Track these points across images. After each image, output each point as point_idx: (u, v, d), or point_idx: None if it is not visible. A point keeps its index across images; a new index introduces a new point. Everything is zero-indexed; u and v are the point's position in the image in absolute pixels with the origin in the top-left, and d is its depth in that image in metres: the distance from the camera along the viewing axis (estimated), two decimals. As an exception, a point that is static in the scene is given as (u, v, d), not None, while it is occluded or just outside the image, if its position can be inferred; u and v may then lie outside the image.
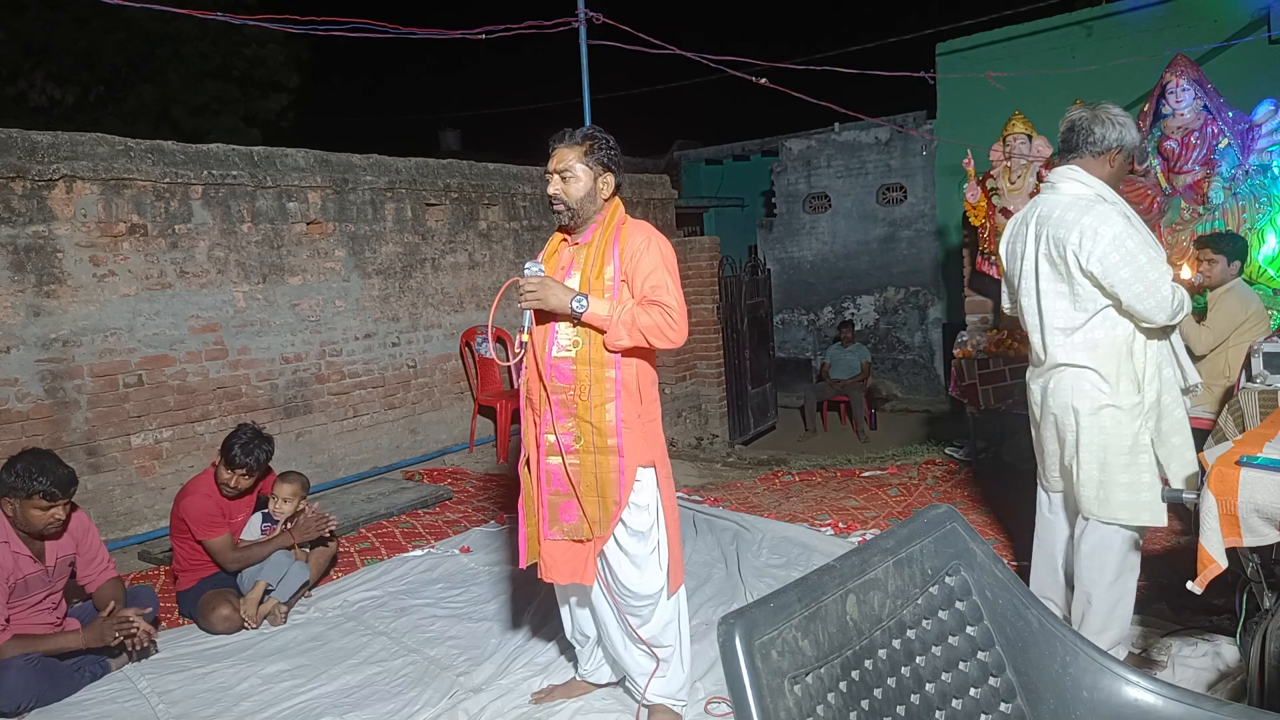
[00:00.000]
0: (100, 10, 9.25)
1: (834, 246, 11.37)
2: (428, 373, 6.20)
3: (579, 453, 2.49)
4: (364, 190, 5.72)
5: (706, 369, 8.10)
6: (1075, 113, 2.72)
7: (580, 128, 2.58)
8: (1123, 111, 2.70)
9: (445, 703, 2.86)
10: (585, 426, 2.47)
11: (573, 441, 2.49)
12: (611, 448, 2.47)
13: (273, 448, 3.76)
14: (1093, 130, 2.64)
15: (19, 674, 2.89)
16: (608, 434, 2.46)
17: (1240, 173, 4.94)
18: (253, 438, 3.65)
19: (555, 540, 2.56)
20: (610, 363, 2.46)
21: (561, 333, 2.50)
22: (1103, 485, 2.61)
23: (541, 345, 2.53)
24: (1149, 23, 8.08)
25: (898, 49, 8.89)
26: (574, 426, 2.49)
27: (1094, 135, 2.64)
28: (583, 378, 2.47)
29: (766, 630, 1.20)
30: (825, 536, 4.27)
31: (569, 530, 2.54)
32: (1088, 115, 2.66)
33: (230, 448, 3.61)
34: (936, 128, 9.74)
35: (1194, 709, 1.41)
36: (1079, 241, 2.52)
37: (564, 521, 2.54)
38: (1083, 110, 2.70)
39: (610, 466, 2.48)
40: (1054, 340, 2.66)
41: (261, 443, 3.67)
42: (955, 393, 5.82)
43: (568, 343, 2.49)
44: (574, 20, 5.68)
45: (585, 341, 2.47)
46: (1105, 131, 2.62)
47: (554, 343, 2.51)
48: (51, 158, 4.21)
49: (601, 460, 2.48)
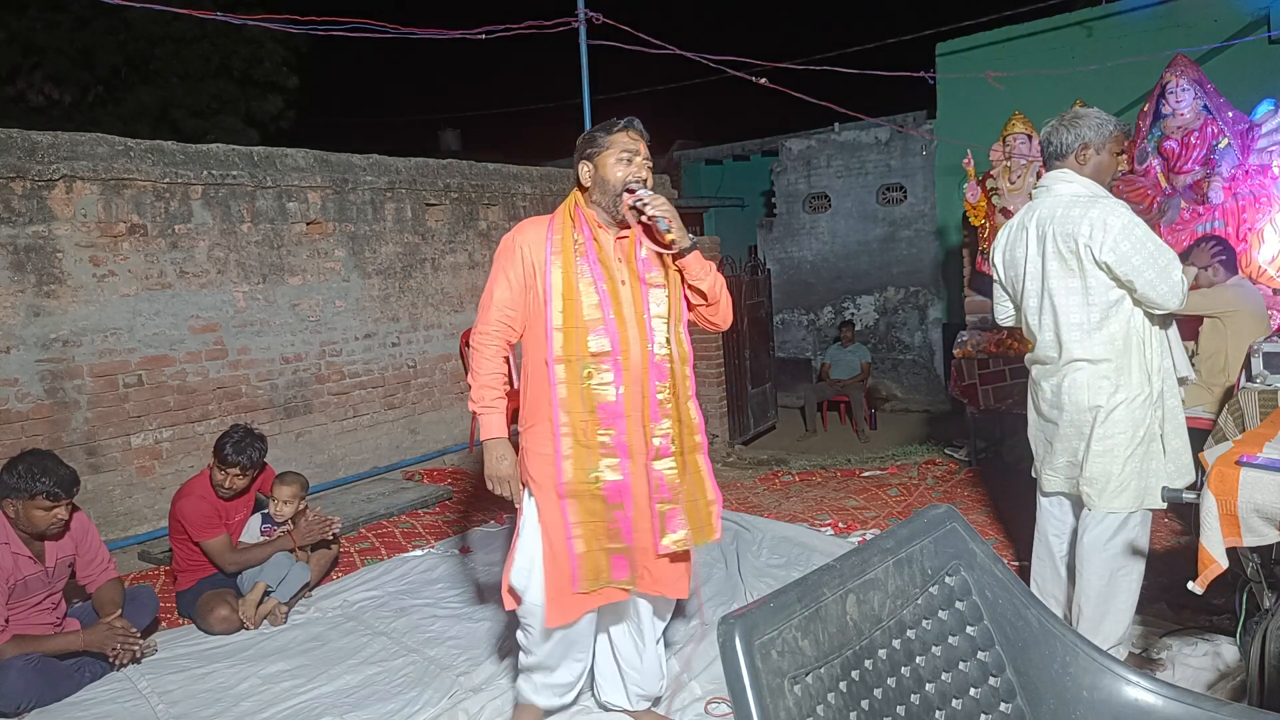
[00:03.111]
0: (100, 10, 9.26)
1: (834, 246, 11.37)
2: (428, 373, 6.20)
3: (675, 455, 2.41)
4: (364, 190, 5.72)
5: (706, 369, 8.09)
6: (1045, 128, 2.82)
7: None
8: (1086, 110, 2.76)
9: (445, 703, 2.86)
10: (678, 427, 2.41)
11: (670, 444, 2.39)
12: (699, 445, 2.45)
13: (266, 445, 3.76)
14: (1050, 140, 2.77)
15: (19, 674, 2.89)
16: (696, 430, 2.44)
17: (1240, 173, 4.93)
18: (244, 436, 3.65)
19: (665, 553, 2.42)
20: (689, 358, 2.44)
21: (658, 331, 2.39)
22: (1113, 477, 2.62)
23: (640, 345, 2.35)
24: (1149, 23, 8.08)
25: (898, 49, 8.88)
26: (670, 428, 2.39)
27: (1054, 143, 2.76)
28: (676, 375, 2.40)
29: (766, 630, 1.20)
30: (825, 536, 4.27)
31: (679, 541, 2.40)
32: (1052, 124, 2.78)
33: (222, 447, 3.61)
34: (936, 128, 9.74)
35: (1194, 709, 1.41)
36: (1089, 233, 2.54)
37: (671, 531, 2.40)
38: (1051, 122, 2.80)
39: (702, 465, 2.46)
40: (1071, 336, 2.66)
41: (254, 441, 3.67)
42: (955, 393, 5.82)
43: (663, 339, 2.39)
44: (574, 20, 5.68)
45: (673, 338, 2.41)
46: (1063, 136, 2.73)
47: (653, 340, 2.38)
48: (51, 158, 4.21)
49: (695, 460, 2.44)
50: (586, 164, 2.41)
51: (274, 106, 12.46)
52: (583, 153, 2.43)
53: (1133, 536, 2.68)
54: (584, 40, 5.74)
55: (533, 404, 2.44)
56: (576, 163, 2.44)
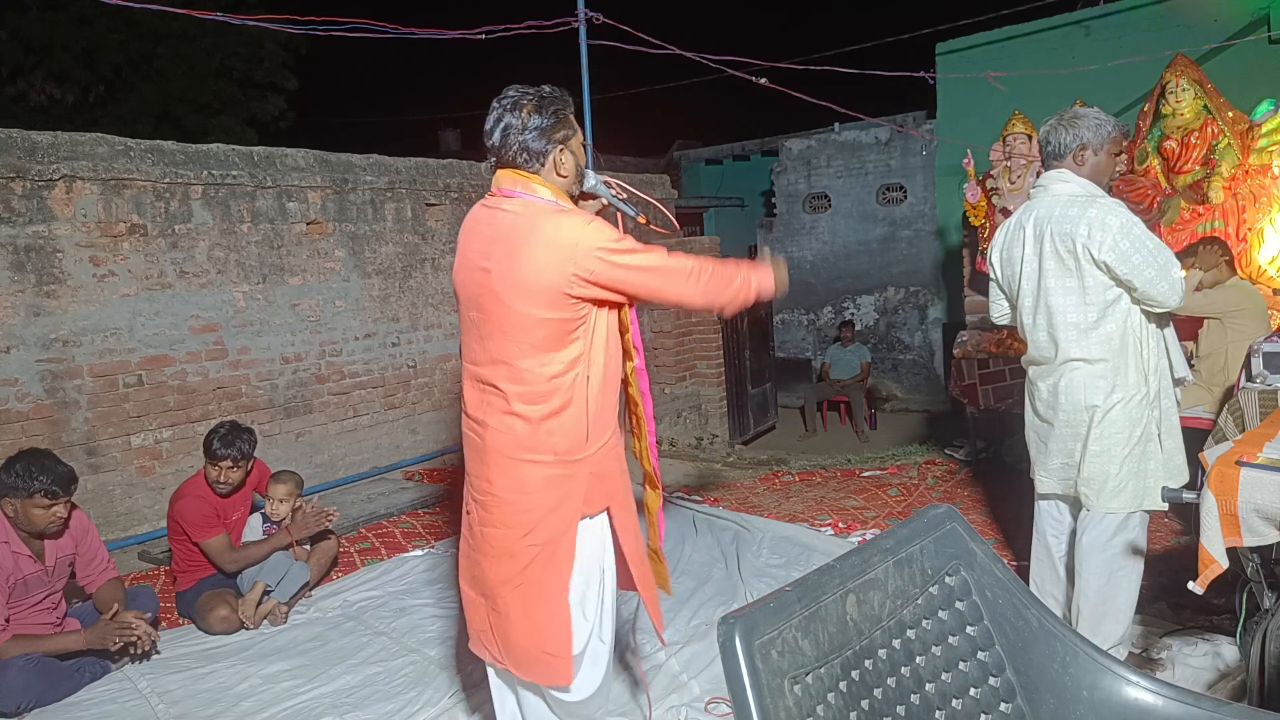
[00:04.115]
0: (102, 10, 9.24)
1: (834, 246, 11.37)
2: (428, 373, 6.20)
3: None
4: (364, 190, 5.72)
5: (706, 369, 8.10)
6: (1043, 127, 2.81)
7: None
8: (1085, 110, 2.76)
9: (445, 702, 2.86)
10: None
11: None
12: None
13: (254, 437, 3.77)
14: (1049, 140, 2.76)
15: (19, 674, 2.89)
16: None
17: (1240, 173, 4.94)
18: (230, 430, 3.67)
19: None
20: None
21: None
22: (1111, 477, 2.62)
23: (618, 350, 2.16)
24: (1149, 23, 8.09)
25: (898, 49, 8.88)
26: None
27: (1052, 142, 2.75)
28: None
29: (766, 630, 1.20)
30: (825, 536, 4.27)
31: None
32: (1050, 125, 2.78)
33: (210, 443, 3.64)
34: (936, 128, 9.74)
35: (1194, 709, 1.41)
36: (1088, 233, 2.54)
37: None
38: (1049, 121, 2.79)
39: None
40: (1067, 336, 2.66)
41: (240, 433, 3.69)
42: (955, 393, 5.82)
43: None
44: (574, 20, 5.68)
45: None
46: (1061, 136, 2.72)
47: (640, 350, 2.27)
48: (51, 158, 4.21)
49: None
50: (563, 150, 2.06)
51: (274, 107, 12.46)
52: (557, 137, 2.04)
53: (1132, 537, 2.68)
54: (584, 40, 5.73)
55: (609, 411, 2.17)
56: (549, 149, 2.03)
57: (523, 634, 2.05)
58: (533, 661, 2.06)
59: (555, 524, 2.03)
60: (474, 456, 2.12)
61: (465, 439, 2.15)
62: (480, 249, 2.02)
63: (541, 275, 1.91)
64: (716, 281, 2.07)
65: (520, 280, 1.93)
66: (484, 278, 1.99)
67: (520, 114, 2.00)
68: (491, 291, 1.98)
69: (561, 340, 1.98)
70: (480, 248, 2.02)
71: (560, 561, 2.05)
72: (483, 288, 2.01)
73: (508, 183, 2.03)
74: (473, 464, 2.13)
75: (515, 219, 1.97)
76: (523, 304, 1.95)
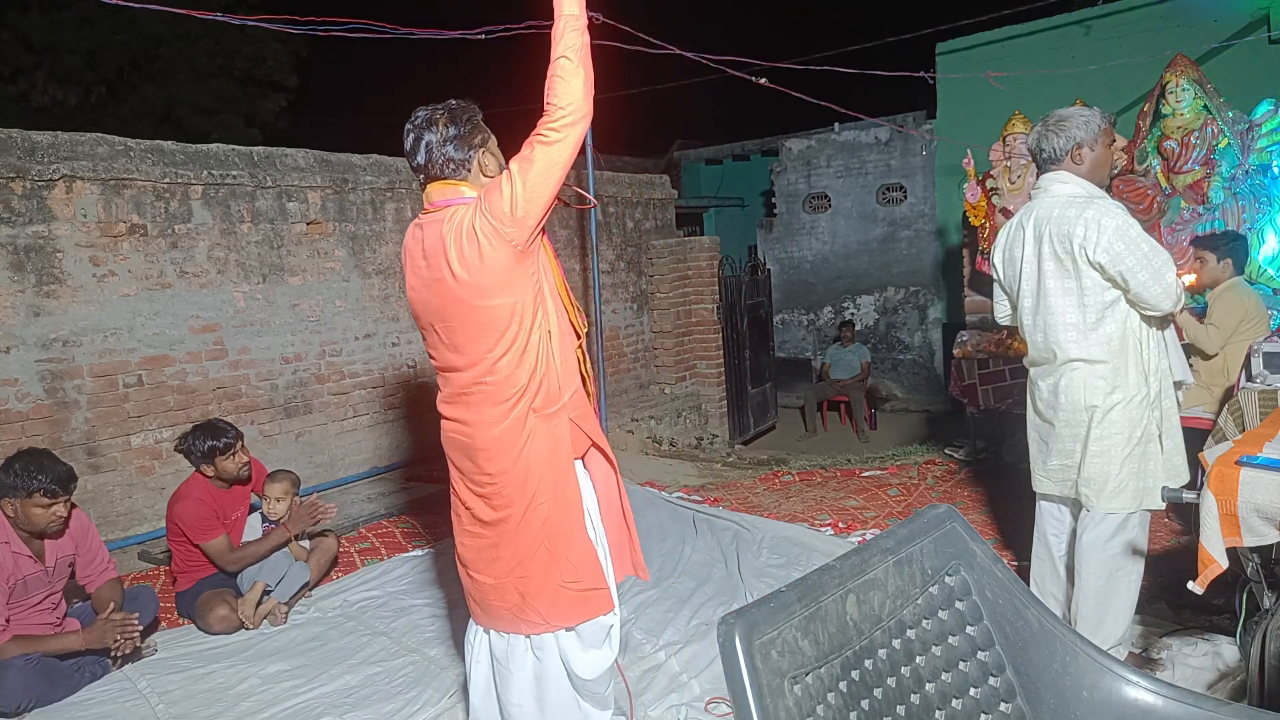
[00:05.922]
0: (105, 11, 9.25)
1: (834, 246, 11.37)
2: (428, 373, 6.20)
3: None
4: (364, 190, 5.72)
5: (706, 369, 8.10)
6: (1032, 135, 2.80)
7: None
8: (1068, 112, 2.75)
9: (445, 702, 2.86)
10: None
11: None
12: None
13: (231, 425, 3.76)
14: (1041, 147, 2.76)
15: (19, 674, 2.89)
16: None
17: (1240, 173, 4.93)
18: (206, 424, 3.71)
19: None
20: None
21: None
22: (1111, 477, 2.62)
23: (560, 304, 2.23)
24: (1149, 23, 8.08)
25: (898, 49, 8.86)
26: None
27: (1045, 149, 2.75)
28: None
29: (766, 630, 1.20)
30: (825, 536, 4.27)
31: None
32: (1038, 132, 2.77)
33: (203, 443, 3.63)
34: (936, 128, 9.74)
35: (1194, 709, 1.41)
36: (1084, 234, 2.55)
37: None
38: (1035, 128, 2.79)
39: None
40: (1066, 336, 2.67)
41: (217, 424, 3.72)
42: (955, 393, 5.82)
43: None
44: (574, 20, 5.67)
45: None
46: (1054, 141, 2.72)
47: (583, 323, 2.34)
48: (51, 158, 4.21)
49: None
50: (485, 152, 2.18)
51: (275, 106, 12.47)
52: (475, 142, 2.17)
53: (1132, 537, 2.68)
54: (584, 40, 5.72)
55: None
56: (471, 155, 2.15)
57: (559, 580, 2.18)
58: (578, 604, 2.20)
59: (555, 473, 2.17)
60: (462, 456, 2.24)
61: (449, 443, 2.26)
62: (428, 263, 2.12)
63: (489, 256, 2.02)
64: (575, 82, 2.08)
65: (477, 272, 2.04)
66: (442, 287, 2.09)
67: (436, 129, 2.13)
68: (456, 299, 2.08)
69: (525, 313, 2.09)
70: (428, 261, 2.13)
71: (571, 502, 2.21)
72: (444, 297, 2.11)
73: (439, 195, 2.15)
74: (463, 464, 2.24)
75: (451, 225, 2.08)
76: (486, 298, 2.06)
